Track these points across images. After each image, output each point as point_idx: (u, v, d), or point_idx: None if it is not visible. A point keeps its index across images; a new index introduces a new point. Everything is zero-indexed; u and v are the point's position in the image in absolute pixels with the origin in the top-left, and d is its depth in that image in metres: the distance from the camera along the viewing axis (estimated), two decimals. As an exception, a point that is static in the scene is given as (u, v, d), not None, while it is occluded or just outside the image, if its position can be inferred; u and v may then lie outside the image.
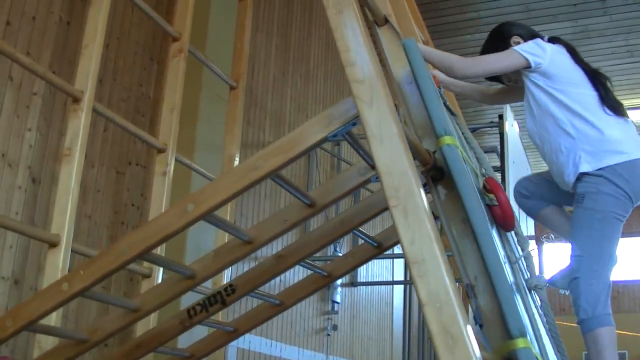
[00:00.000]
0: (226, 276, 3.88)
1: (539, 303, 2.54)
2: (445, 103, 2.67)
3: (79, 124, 3.04)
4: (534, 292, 2.54)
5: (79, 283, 2.15)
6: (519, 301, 2.13)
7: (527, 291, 2.46)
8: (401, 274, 9.27)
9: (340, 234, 2.51)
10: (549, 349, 2.37)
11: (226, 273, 3.83)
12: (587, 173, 2.73)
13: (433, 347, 1.44)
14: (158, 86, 4.59)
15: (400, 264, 9.23)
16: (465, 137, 2.66)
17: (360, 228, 2.66)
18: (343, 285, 7.19)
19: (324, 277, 2.88)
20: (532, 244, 2.77)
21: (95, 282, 2.14)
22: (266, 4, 6.11)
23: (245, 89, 4.56)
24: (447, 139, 1.99)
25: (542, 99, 2.85)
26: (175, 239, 2.32)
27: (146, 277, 3.39)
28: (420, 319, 9.75)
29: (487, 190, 2.35)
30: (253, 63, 5.65)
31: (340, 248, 6.99)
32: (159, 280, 3.40)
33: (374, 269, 8.32)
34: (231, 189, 1.96)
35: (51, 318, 2.68)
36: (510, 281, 2.04)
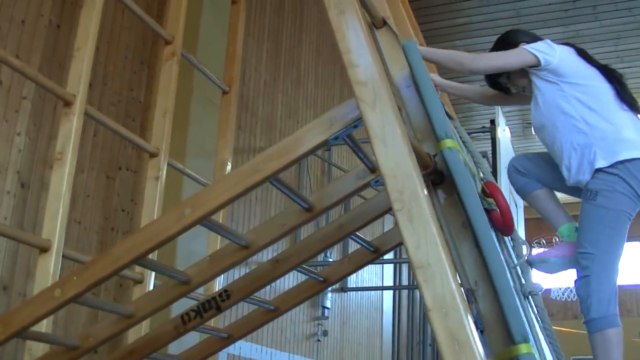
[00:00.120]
0: (218, 282, 3.84)
1: (535, 309, 2.51)
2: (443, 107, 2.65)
3: (71, 128, 2.99)
4: (530, 298, 2.52)
5: (72, 289, 2.11)
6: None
7: (524, 297, 2.44)
8: (390, 280, 9.26)
9: (338, 239, 2.48)
10: (548, 356, 2.35)
11: (218, 279, 3.79)
12: (602, 170, 2.71)
13: (440, 353, 1.41)
14: (148, 90, 4.55)
15: (389, 270, 9.21)
16: (463, 141, 2.64)
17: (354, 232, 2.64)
18: (333, 290, 7.17)
19: (320, 283, 2.84)
20: (525, 249, 2.74)
21: (88, 288, 2.10)
22: (257, 9, 6.09)
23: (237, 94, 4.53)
24: (448, 142, 1.97)
25: (552, 96, 2.84)
26: (166, 245, 2.28)
27: (138, 283, 3.34)
28: (409, 325, 9.73)
29: (486, 194, 2.32)
30: (244, 68, 5.63)
31: (330, 253, 6.96)
32: (151, 286, 3.36)
33: (364, 275, 8.29)
34: (229, 193, 1.92)
35: (42, 324, 2.63)
36: (512, 286, 2.01)
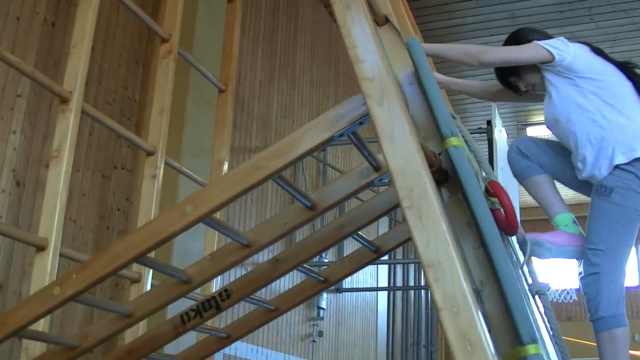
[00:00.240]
0: (215, 282, 3.81)
1: (542, 309, 2.49)
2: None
3: (68, 125, 2.95)
4: (538, 298, 2.49)
5: (72, 287, 2.07)
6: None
7: (530, 297, 2.42)
8: (385, 281, 9.25)
9: (339, 238, 2.45)
10: (553, 357, 2.32)
11: (215, 279, 3.76)
12: (619, 166, 2.69)
13: (451, 354, 1.39)
14: (144, 89, 4.53)
15: (384, 271, 9.20)
16: (465, 140, 2.61)
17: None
18: (328, 291, 7.14)
19: (320, 283, 2.81)
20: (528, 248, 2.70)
21: (89, 286, 2.06)
22: (252, 10, 6.07)
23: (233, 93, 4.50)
24: (454, 140, 1.94)
25: (567, 91, 2.81)
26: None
27: (135, 282, 3.30)
28: (403, 326, 9.72)
29: (490, 194, 2.30)
30: (240, 68, 5.61)
31: (326, 254, 6.93)
32: (149, 285, 3.33)
33: (359, 276, 8.27)
34: (231, 191, 1.89)
35: (39, 323, 2.60)
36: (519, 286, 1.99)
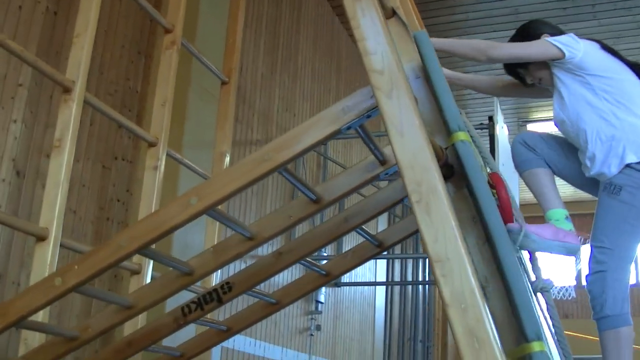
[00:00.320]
0: (216, 275, 3.79)
1: (545, 306, 2.48)
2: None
3: (70, 115, 2.93)
4: (541, 295, 2.48)
5: (74, 278, 2.06)
6: (531, 303, 2.07)
7: (533, 293, 2.41)
8: (383, 276, 9.25)
9: (343, 232, 2.43)
10: (555, 354, 2.32)
11: (215, 272, 3.74)
12: (630, 165, 2.68)
13: (459, 351, 1.37)
14: (145, 80, 4.50)
15: (382, 266, 9.20)
16: (470, 135, 2.59)
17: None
18: (327, 285, 7.13)
19: (322, 277, 2.80)
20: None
21: (91, 277, 2.05)
22: (254, 2, 6.03)
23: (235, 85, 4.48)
24: (461, 135, 1.92)
25: (577, 89, 2.80)
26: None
27: (135, 274, 3.29)
28: (400, 321, 9.72)
29: (491, 185, 2.29)
30: (241, 60, 5.58)
31: (325, 249, 6.92)
32: (149, 276, 3.31)
33: (357, 270, 8.25)
34: (237, 183, 1.88)
35: (39, 314, 2.59)
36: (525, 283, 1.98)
